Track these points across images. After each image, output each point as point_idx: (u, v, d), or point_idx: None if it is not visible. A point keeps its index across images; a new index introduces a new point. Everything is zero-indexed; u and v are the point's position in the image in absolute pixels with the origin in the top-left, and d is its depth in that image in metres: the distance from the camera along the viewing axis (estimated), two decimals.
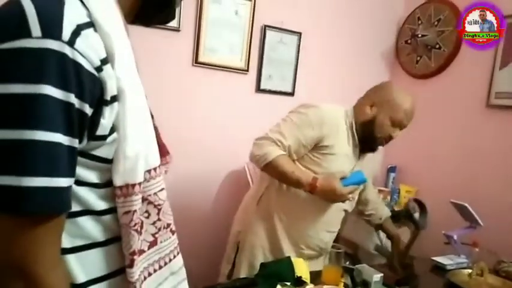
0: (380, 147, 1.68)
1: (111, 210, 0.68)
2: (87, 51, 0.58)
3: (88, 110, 0.59)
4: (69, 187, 0.60)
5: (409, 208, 1.79)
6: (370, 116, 1.56)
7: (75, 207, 0.64)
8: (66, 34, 0.57)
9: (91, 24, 0.61)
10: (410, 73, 2.68)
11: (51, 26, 0.56)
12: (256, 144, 1.52)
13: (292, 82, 2.52)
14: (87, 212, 0.66)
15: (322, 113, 1.53)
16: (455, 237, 1.83)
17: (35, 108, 0.55)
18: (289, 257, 1.37)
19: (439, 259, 1.80)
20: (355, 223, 2.53)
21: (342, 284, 1.25)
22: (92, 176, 0.65)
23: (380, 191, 2.59)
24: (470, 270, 1.65)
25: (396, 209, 2.22)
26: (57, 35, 0.56)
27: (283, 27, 2.41)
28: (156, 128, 0.81)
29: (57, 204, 0.58)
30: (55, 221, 0.60)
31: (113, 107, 0.63)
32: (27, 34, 0.54)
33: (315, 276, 1.38)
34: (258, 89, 2.42)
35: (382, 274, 1.43)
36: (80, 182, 0.64)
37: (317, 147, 1.51)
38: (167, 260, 0.79)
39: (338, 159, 1.53)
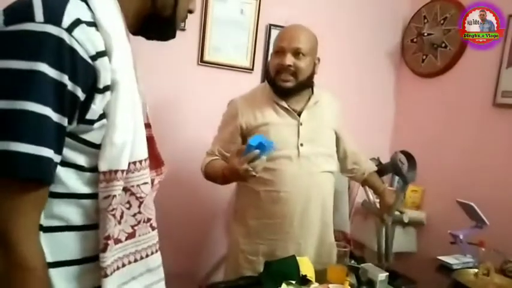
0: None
1: (92, 196, 0.71)
2: (84, 40, 0.64)
3: (80, 94, 0.64)
4: (55, 162, 0.64)
5: (396, 160, 1.68)
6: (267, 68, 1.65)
7: (57, 188, 0.68)
8: (65, 23, 0.63)
9: (93, 24, 0.67)
10: (416, 72, 2.67)
11: (53, 14, 0.63)
12: None
13: None
14: (69, 195, 0.69)
15: (235, 103, 1.57)
16: (461, 236, 1.82)
17: (29, 82, 0.60)
18: (294, 256, 1.37)
19: (445, 258, 1.79)
20: (362, 223, 2.54)
21: (347, 283, 1.24)
22: (79, 159, 0.69)
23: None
24: (476, 270, 1.64)
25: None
26: (57, 22, 0.62)
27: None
28: (151, 138, 0.86)
29: (40, 172, 0.62)
30: (38, 193, 0.64)
31: (105, 96, 0.68)
32: (31, 19, 0.61)
33: (320, 275, 1.38)
34: None
35: (387, 273, 1.42)
36: (65, 163, 0.68)
37: (246, 134, 1.51)
38: (144, 254, 0.79)
39: (273, 131, 1.48)
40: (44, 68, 0.60)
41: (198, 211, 2.36)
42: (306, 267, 1.34)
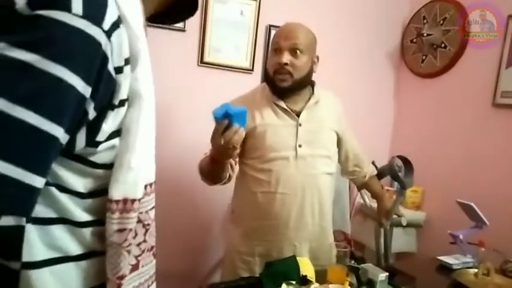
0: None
1: (92, 223, 0.62)
2: (117, 47, 0.54)
3: (91, 112, 0.54)
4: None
5: (394, 165, 1.67)
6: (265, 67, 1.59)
7: (50, 213, 0.58)
8: (107, 23, 0.51)
9: (120, 22, 0.55)
10: (416, 72, 2.67)
11: (95, 9, 0.51)
12: None
13: None
14: (63, 220, 0.59)
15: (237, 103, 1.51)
16: (461, 236, 1.82)
17: (46, 91, 0.48)
18: (294, 256, 1.37)
19: (445, 259, 1.79)
20: (362, 223, 2.54)
21: (347, 283, 1.25)
22: (78, 183, 0.59)
23: (386, 190, 2.59)
24: (476, 270, 1.64)
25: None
26: (98, 20, 0.50)
27: None
28: None
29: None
30: None
31: (119, 112, 0.57)
32: (67, 7, 0.48)
33: (321, 275, 1.38)
34: None
35: (387, 273, 1.42)
36: (62, 188, 0.58)
37: (248, 135, 1.46)
38: (145, 286, 0.71)
39: (270, 131, 1.47)
40: (69, 77, 0.48)
41: (198, 212, 2.37)
42: (306, 268, 1.34)
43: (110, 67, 0.53)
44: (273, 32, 2.36)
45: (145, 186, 0.65)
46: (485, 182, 2.19)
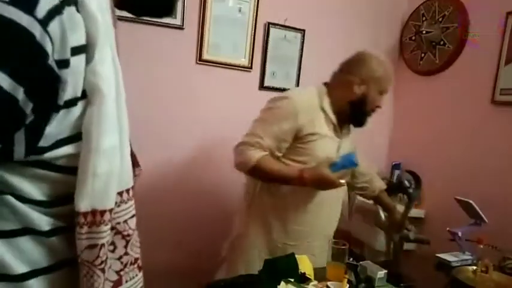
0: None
1: (63, 230, 0.55)
2: (59, 37, 0.45)
3: (29, 113, 0.46)
4: None
5: (403, 180, 1.77)
6: (361, 94, 1.54)
7: (13, 225, 0.52)
8: (42, 9, 0.43)
9: (73, 1, 0.47)
10: (415, 70, 2.67)
11: None
12: (236, 151, 1.52)
13: (296, 79, 2.51)
14: (28, 230, 0.53)
15: (294, 102, 1.49)
16: (459, 234, 1.82)
17: None
18: (293, 254, 1.37)
19: (444, 256, 1.79)
20: (361, 222, 2.54)
21: (346, 280, 1.25)
22: (33, 191, 0.52)
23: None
24: (475, 267, 1.64)
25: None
26: (30, 7, 0.43)
27: (286, 25, 2.41)
28: None
29: None
30: None
31: (69, 113, 0.50)
32: None
33: (319, 273, 1.38)
34: (262, 87, 2.42)
35: (386, 271, 1.42)
36: (17, 196, 0.51)
37: (298, 137, 1.48)
38: None
39: (321, 143, 1.50)
40: None
41: (200, 208, 2.36)
42: (305, 265, 1.34)
43: (50, 62, 0.45)
44: (271, 30, 2.36)
45: (121, 193, 0.57)
46: (484, 179, 2.19)
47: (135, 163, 0.70)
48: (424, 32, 2.56)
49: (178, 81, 2.19)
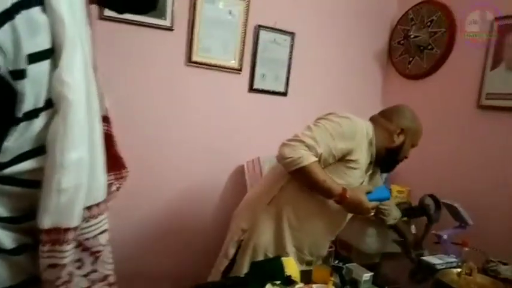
0: None
1: (25, 248, 0.52)
2: (11, 46, 0.40)
3: None
4: None
5: (424, 204, 1.98)
6: (399, 144, 1.63)
7: None
8: None
9: (37, 1, 0.43)
10: (403, 73, 2.70)
11: None
12: (289, 145, 1.46)
13: (285, 82, 2.52)
14: None
15: (355, 126, 1.53)
16: (445, 236, 1.85)
17: None
18: (279, 257, 1.38)
19: (429, 259, 1.81)
20: (348, 224, 2.55)
21: (331, 282, 1.25)
22: None
23: None
24: (459, 270, 1.66)
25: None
26: None
27: (276, 28, 2.42)
28: (110, 137, 0.66)
29: None
30: None
31: (30, 125, 0.45)
32: None
33: (305, 276, 1.39)
34: (251, 89, 2.43)
35: (372, 273, 1.44)
36: None
37: (343, 159, 1.52)
38: None
39: (357, 173, 1.56)
40: None
41: (190, 211, 2.36)
42: (291, 268, 1.35)
43: (2, 73, 0.41)
44: (261, 32, 2.37)
45: (90, 208, 0.54)
46: (470, 182, 2.22)
47: (121, 166, 0.68)
48: (412, 36, 2.58)
49: (167, 83, 2.18)
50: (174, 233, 2.32)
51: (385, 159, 1.64)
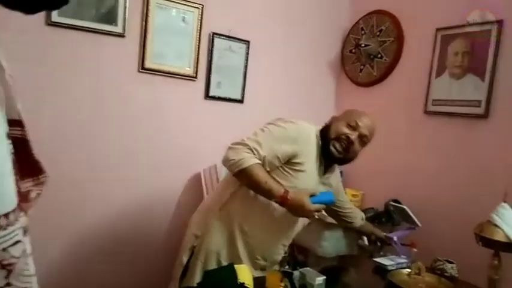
0: None
1: None
2: None
3: None
4: None
5: (389, 209, 2.11)
6: (327, 123, 1.65)
7: None
8: None
9: None
10: (355, 81, 2.78)
11: None
12: (232, 148, 1.51)
13: (241, 89, 2.53)
14: None
15: (299, 129, 1.57)
16: (395, 238, 1.90)
17: None
18: (232, 264, 1.37)
19: (381, 260, 1.86)
20: (305, 229, 2.58)
21: None
22: None
23: None
24: (409, 270, 1.72)
25: None
26: None
27: (231, 35, 2.43)
28: (25, 141, 0.63)
29: None
30: None
31: None
32: None
33: (259, 282, 1.38)
34: (207, 96, 2.42)
35: (324, 277, 1.46)
36: None
37: (289, 162, 1.54)
38: None
39: (306, 177, 1.57)
40: None
41: (148, 220, 2.30)
42: (244, 275, 1.34)
43: None
44: (216, 40, 2.37)
45: None
46: (418, 184, 2.31)
47: (38, 171, 0.65)
48: (363, 45, 2.67)
49: (119, 90, 2.13)
50: (128, 244, 2.25)
51: (323, 145, 1.61)
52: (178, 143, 2.35)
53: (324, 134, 1.62)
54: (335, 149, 1.58)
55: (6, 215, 0.52)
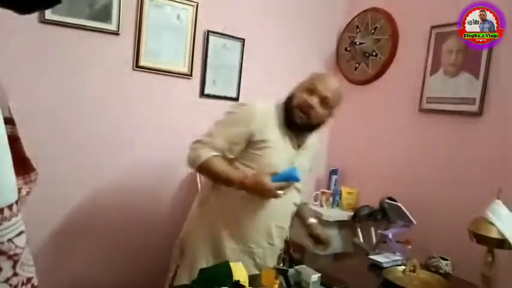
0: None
1: None
2: None
3: None
4: None
5: (384, 207, 2.11)
6: (291, 92, 1.62)
7: None
8: None
9: None
10: (350, 79, 2.78)
11: None
12: (190, 148, 1.56)
13: (237, 87, 2.53)
14: None
15: (250, 110, 1.55)
16: (390, 236, 1.91)
17: None
18: (227, 262, 1.36)
19: (376, 257, 1.86)
20: (301, 227, 2.58)
21: (277, 286, 1.26)
22: None
23: (323, 192, 2.66)
24: (404, 267, 1.72)
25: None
26: None
27: (226, 33, 2.42)
28: (16, 139, 0.64)
29: None
30: None
31: None
32: None
33: (255, 280, 1.38)
34: (202, 94, 2.41)
35: (320, 274, 1.46)
36: None
37: (251, 142, 1.53)
38: None
39: (275, 152, 1.54)
40: None
41: (143, 219, 2.30)
42: (240, 273, 1.34)
43: None
44: (211, 38, 2.37)
45: (1, 210, 0.53)
46: (413, 182, 2.31)
47: (29, 169, 0.66)
48: (358, 43, 2.68)
49: (113, 88, 2.12)
50: (126, 245, 2.25)
51: (286, 115, 1.58)
52: (174, 141, 2.33)
53: (288, 104, 1.60)
54: (298, 116, 1.56)
55: (9, 206, 0.53)
